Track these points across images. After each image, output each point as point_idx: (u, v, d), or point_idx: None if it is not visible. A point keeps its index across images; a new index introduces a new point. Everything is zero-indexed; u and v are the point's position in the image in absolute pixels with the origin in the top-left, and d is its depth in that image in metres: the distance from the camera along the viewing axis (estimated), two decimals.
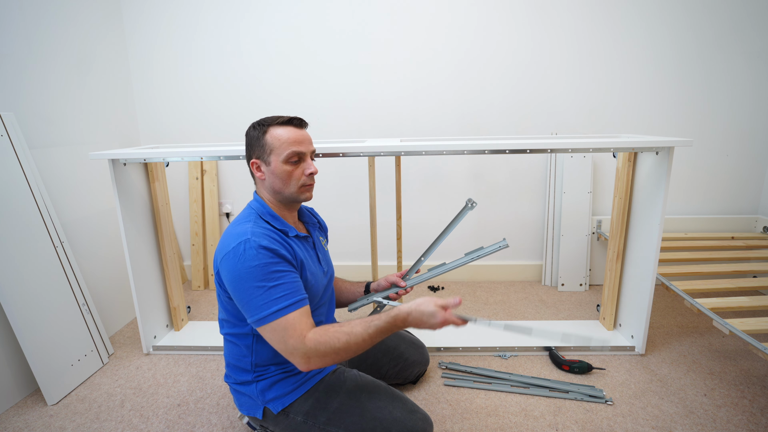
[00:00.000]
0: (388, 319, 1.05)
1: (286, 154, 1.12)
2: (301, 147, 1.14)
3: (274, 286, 1.01)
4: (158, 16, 2.31)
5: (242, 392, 1.20)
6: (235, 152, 1.57)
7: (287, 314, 1.01)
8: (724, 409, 1.40)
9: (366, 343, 1.04)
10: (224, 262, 1.04)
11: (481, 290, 2.43)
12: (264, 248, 1.03)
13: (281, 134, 1.13)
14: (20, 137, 1.59)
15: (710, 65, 2.22)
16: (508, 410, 1.43)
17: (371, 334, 1.04)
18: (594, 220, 2.39)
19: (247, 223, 1.10)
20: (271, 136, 1.13)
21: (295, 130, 1.15)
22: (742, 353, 1.71)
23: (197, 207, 2.49)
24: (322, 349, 1.00)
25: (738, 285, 1.68)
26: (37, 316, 1.51)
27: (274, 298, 1.01)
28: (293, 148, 1.12)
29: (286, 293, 1.02)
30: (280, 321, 1.00)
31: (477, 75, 2.30)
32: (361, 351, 1.04)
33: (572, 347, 1.73)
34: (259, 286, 1.00)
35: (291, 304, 1.02)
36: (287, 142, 1.12)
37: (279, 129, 1.14)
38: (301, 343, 0.99)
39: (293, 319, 1.01)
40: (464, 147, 1.51)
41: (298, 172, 1.14)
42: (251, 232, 1.05)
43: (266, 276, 1.01)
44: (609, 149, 1.54)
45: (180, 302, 1.96)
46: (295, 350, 1.00)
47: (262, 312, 1.00)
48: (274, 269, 1.02)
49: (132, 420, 1.42)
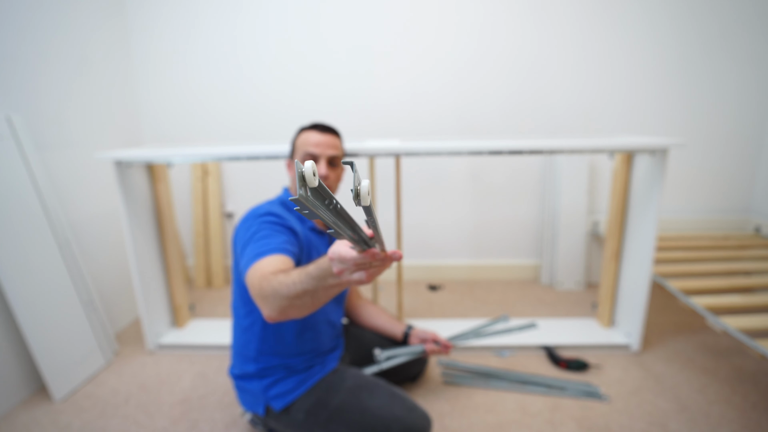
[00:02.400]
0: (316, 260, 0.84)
1: (302, 154, 1.24)
2: (315, 149, 1.23)
3: (264, 237, 1.05)
4: (161, 18, 2.33)
5: (245, 388, 1.23)
6: (238, 153, 1.59)
7: (260, 259, 0.98)
8: (717, 405, 1.43)
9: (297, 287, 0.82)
10: (239, 224, 1.16)
11: (480, 289, 2.46)
12: (271, 213, 1.13)
13: (304, 137, 1.25)
14: (27, 139, 1.61)
15: (704, 68, 2.25)
16: (506, 407, 1.45)
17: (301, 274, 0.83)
18: (591, 219, 2.42)
19: (267, 204, 1.21)
20: (300, 138, 1.27)
21: (317, 133, 1.26)
22: (735, 350, 1.74)
23: (200, 207, 2.52)
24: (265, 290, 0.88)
25: (731, 283, 1.71)
26: (44, 314, 1.54)
27: (258, 245, 1.02)
28: (307, 149, 1.23)
29: (270, 241, 1.03)
30: (254, 266, 0.97)
31: (475, 77, 2.33)
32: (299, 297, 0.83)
33: (569, 345, 1.76)
34: (252, 235, 1.07)
35: (268, 249, 1.00)
36: (306, 143, 1.24)
37: (307, 132, 1.26)
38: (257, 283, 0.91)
39: (264, 262, 0.97)
40: (463, 148, 1.54)
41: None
42: (267, 206, 1.18)
43: (260, 227, 1.09)
44: (605, 150, 1.57)
45: (183, 301, 1.98)
46: (257, 295, 0.91)
47: (247, 260, 1.00)
48: (269, 220, 1.11)
49: (137, 416, 1.45)
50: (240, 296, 1.23)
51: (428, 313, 2.17)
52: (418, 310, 2.22)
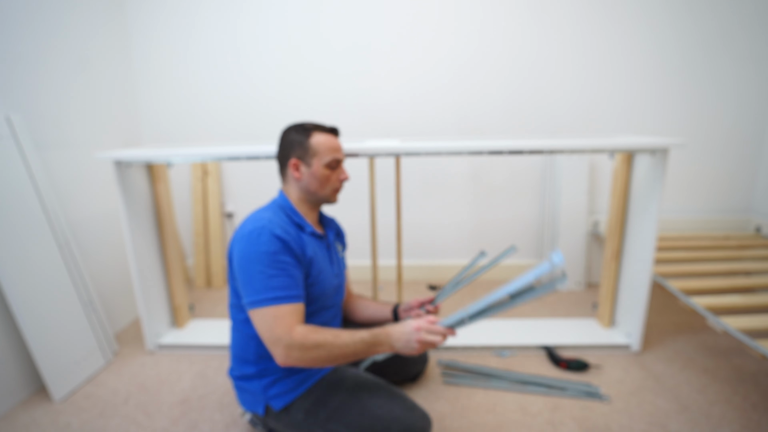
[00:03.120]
0: (372, 331, 1.07)
1: (328, 159, 1.21)
2: (340, 155, 1.25)
3: (276, 275, 1.06)
4: (161, 18, 2.33)
5: (245, 388, 1.23)
6: (238, 153, 1.59)
7: (281, 304, 1.04)
8: (718, 405, 1.43)
9: (348, 349, 1.04)
10: (238, 243, 1.10)
11: (480, 290, 2.46)
12: (277, 237, 1.07)
13: (324, 140, 1.22)
14: (27, 138, 1.61)
15: (704, 68, 2.25)
16: (506, 407, 1.45)
17: (356, 341, 1.05)
18: (591, 219, 2.42)
19: (267, 212, 1.16)
20: (315, 140, 1.21)
21: (334, 138, 1.25)
22: (735, 351, 1.73)
23: (200, 207, 2.51)
24: (307, 343, 1.02)
25: (732, 284, 1.71)
26: (44, 314, 1.54)
27: (273, 286, 1.05)
28: (335, 155, 1.22)
29: (285, 285, 1.06)
30: (272, 309, 1.04)
31: (475, 77, 2.33)
32: (341, 359, 1.05)
33: (569, 345, 1.76)
34: (263, 271, 1.05)
35: (287, 296, 1.05)
36: (331, 148, 1.22)
37: (322, 135, 1.22)
38: (287, 334, 1.02)
39: (285, 310, 1.04)
40: (463, 148, 1.54)
41: (334, 176, 1.24)
42: (269, 219, 1.11)
43: (272, 263, 1.06)
44: (605, 150, 1.57)
45: (183, 301, 1.98)
46: (279, 340, 1.02)
47: (259, 295, 1.04)
48: (280, 259, 1.07)
49: (136, 417, 1.45)
50: (238, 303, 1.20)
51: None
52: None
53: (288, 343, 1.02)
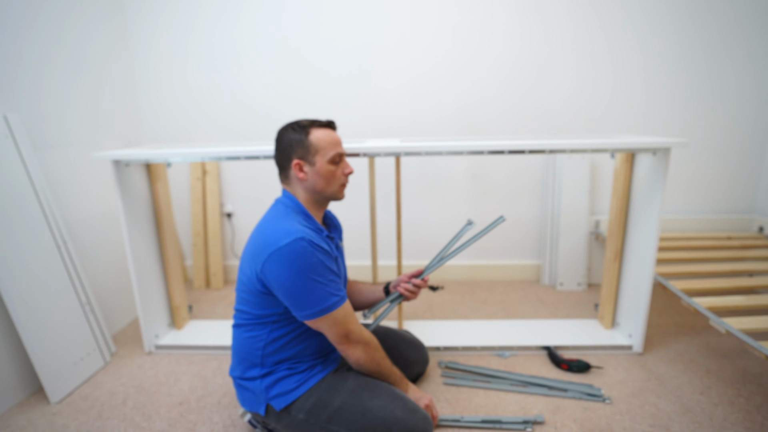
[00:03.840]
0: (404, 379, 1.32)
1: (331, 155, 1.19)
2: (342, 149, 1.22)
3: (330, 281, 1.12)
4: (160, 18, 2.32)
5: (246, 387, 1.22)
6: (237, 153, 1.58)
7: (343, 304, 1.13)
8: (721, 407, 1.42)
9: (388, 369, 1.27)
10: (276, 258, 1.06)
11: (480, 290, 2.45)
12: (318, 246, 1.10)
13: (324, 136, 1.19)
14: (24, 138, 1.60)
15: (706, 67, 2.24)
16: (507, 409, 1.44)
17: (394, 370, 1.29)
18: (592, 220, 2.41)
19: (290, 221, 1.13)
20: (314, 137, 1.18)
21: (332, 132, 1.22)
22: (739, 352, 1.72)
23: (199, 207, 2.50)
24: (372, 344, 1.20)
25: (734, 284, 1.70)
26: (41, 315, 1.52)
27: (331, 292, 1.11)
28: (338, 150, 1.20)
29: (338, 287, 1.14)
30: (339, 311, 1.12)
31: (476, 76, 2.32)
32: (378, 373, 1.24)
33: (570, 346, 1.75)
34: (319, 281, 1.09)
35: (343, 296, 1.14)
36: (332, 143, 1.19)
37: (320, 131, 1.19)
38: (360, 329, 1.17)
39: (348, 307, 1.15)
40: (464, 147, 1.53)
41: (339, 171, 1.22)
42: (302, 231, 1.09)
43: (323, 272, 1.10)
44: (607, 150, 1.56)
45: (182, 301, 1.97)
46: (352, 334, 1.14)
47: (323, 304, 1.09)
48: (329, 266, 1.12)
49: (134, 418, 1.44)
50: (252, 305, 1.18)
51: (428, 314, 2.16)
52: (418, 310, 2.20)
53: (360, 338, 1.16)
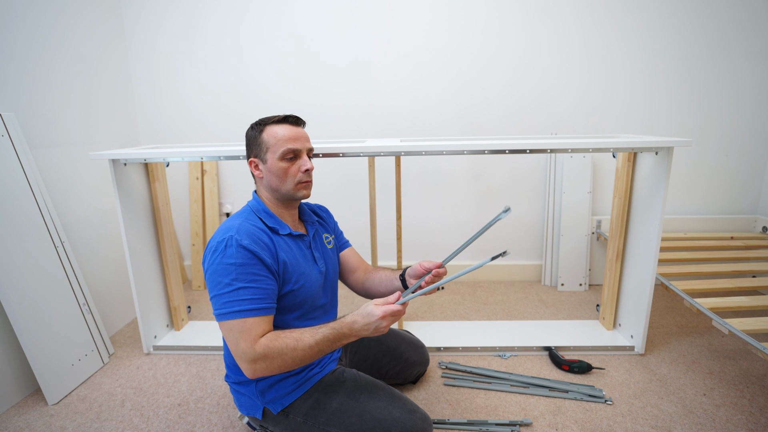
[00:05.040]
0: (334, 326, 1.03)
1: (281, 151, 1.13)
2: (296, 144, 1.15)
3: (243, 287, 1.02)
4: (159, 17, 2.32)
5: (242, 392, 1.21)
6: (236, 152, 1.57)
7: (247, 317, 1.01)
8: (724, 408, 1.41)
9: (313, 350, 1.01)
10: (207, 254, 1.08)
11: (481, 290, 2.44)
12: (244, 248, 1.04)
13: (277, 132, 1.15)
14: (21, 137, 1.59)
15: (710, 66, 2.22)
16: (508, 410, 1.43)
17: (318, 341, 1.02)
18: (594, 220, 2.39)
19: (238, 219, 1.11)
20: (267, 134, 1.15)
21: (290, 127, 1.16)
22: (741, 353, 1.71)
23: (197, 207, 2.49)
24: (270, 353, 0.99)
25: (737, 285, 1.68)
26: (38, 316, 1.51)
27: (239, 299, 1.01)
28: (288, 146, 1.14)
29: (253, 297, 1.02)
30: (238, 322, 1.00)
31: (477, 75, 2.31)
32: (308, 359, 1.02)
33: (572, 347, 1.74)
34: (229, 283, 1.02)
35: (254, 309, 1.02)
36: (282, 139, 1.14)
37: (275, 127, 1.16)
38: (251, 347, 0.99)
39: (251, 323, 1.01)
40: (464, 147, 1.52)
41: (293, 168, 1.16)
42: (237, 228, 1.07)
43: (239, 275, 1.02)
44: (608, 149, 1.54)
45: (180, 302, 1.96)
46: (244, 354, 0.99)
47: (225, 308, 1.01)
48: (249, 270, 1.03)
49: (132, 419, 1.43)
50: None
51: (429, 315, 2.15)
52: (419, 311, 2.19)
53: (252, 357, 0.99)
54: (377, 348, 1.45)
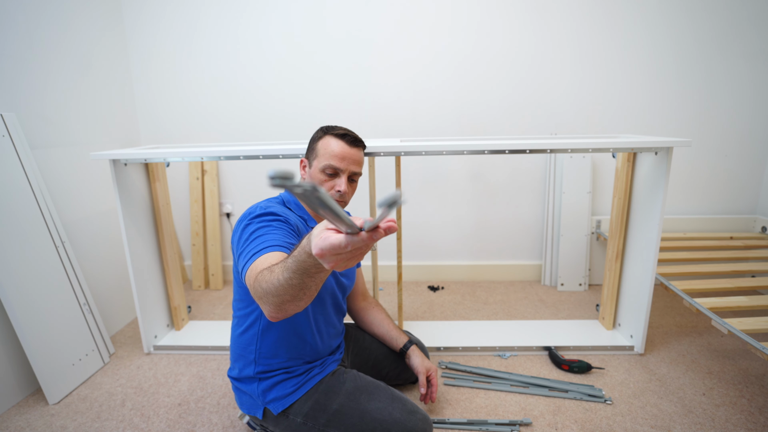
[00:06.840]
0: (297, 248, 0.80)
1: (324, 164, 1.15)
2: (340, 163, 1.16)
3: (266, 232, 0.97)
4: (159, 17, 2.32)
5: (244, 391, 1.21)
6: (236, 152, 1.57)
7: (262, 255, 0.91)
8: (723, 408, 1.41)
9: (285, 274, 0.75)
10: (237, 223, 1.07)
11: (481, 290, 2.44)
12: (271, 213, 1.05)
13: (330, 144, 1.16)
14: (22, 137, 1.59)
15: (709, 66, 2.22)
16: (508, 410, 1.43)
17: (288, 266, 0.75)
18: (593, 220, 2.39)
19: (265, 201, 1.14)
20: (322, 143, 1.17)
21: (344, 145, 1.16)
22: (741, 353, 1.71)
23: (198, 207, 2.49)
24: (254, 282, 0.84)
25: (736, 285, 1.69)
26: (39, 315, 1.51)
27: (261, 243, 0.94)
28: (332, 162, 1.15)
29: (272, 238, 0.96)
30: (256, 262, 0.89)
31: (476, 75, 2.31)
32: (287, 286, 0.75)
33: (571, 347, 1.74)
34: (254, 232, 0.97)
35: (268, 247, 0.93)
36: (330, 153, 1.15)
37: (331, 139, 1.17)
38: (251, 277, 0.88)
39: (261, 258, 0.90)
40: (464, 147, 1.52)
41: (328, 185, 1.16)
42: (265, 203, 1.10)
43: (261, 223, 1.00)
44: (608, 149, 1.55)
45: (181, 302, 1.96)
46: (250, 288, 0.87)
47: (249, 256, 0.93)
48: (270, 220, 1.02)
49: (133, 419, 1.43)
50: (240, 297, 1.20)
51: (428, 315, 2.15)
52: (419, 311, 2.19)
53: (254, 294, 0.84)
54: (378, 350, 1.46)
